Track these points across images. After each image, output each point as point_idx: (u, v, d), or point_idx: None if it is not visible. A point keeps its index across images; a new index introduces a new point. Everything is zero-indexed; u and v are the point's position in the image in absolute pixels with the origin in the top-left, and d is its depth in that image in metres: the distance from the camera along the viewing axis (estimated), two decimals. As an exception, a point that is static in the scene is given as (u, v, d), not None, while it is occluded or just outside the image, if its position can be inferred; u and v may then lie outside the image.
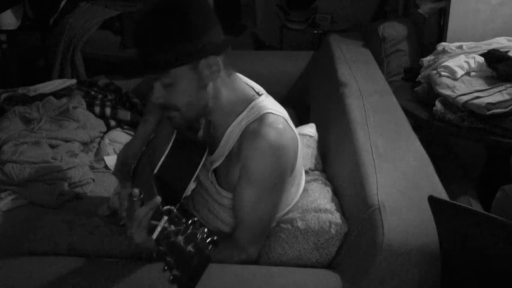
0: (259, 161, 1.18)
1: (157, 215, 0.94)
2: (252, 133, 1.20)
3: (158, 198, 1.05)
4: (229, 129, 1.26)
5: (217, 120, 1.28)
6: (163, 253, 0.86)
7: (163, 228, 0.88)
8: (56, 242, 1.33)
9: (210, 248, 0.85)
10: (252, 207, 1.23)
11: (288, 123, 1.25)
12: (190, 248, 0.84)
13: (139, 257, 1.28)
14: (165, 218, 0.89)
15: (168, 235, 0.87)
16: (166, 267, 0.86)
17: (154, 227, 0.89)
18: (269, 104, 1.26)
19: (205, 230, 0.87)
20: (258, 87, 1.33)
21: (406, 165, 1.32)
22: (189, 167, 1.23)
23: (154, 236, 0.87)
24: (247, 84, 1.32)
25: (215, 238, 0.87)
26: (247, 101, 1.26)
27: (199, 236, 0.85)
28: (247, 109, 1.25)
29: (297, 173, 1.33)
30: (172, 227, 0.88)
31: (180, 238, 0.86)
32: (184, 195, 1.28)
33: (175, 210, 0.90)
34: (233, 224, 1.33)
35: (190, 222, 0.88)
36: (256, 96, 1.28)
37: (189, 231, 0.86)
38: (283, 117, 1.24)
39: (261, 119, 1.21)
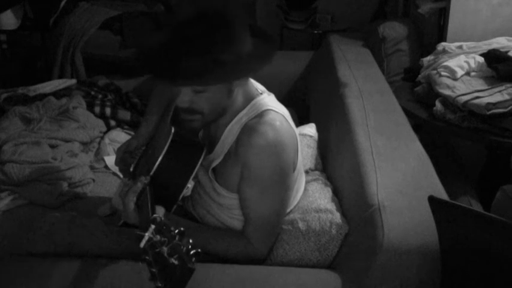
0: (258, 158, 1.18)
1: (145, 224, 0.93)
2: (249, 130, 1.20)
3: (143, 178, 1.14)
4: (229, 126, 1.26)
5: (219, 119, 1.29)
6: (149, 263, 0.86)
7: (150, 238, 0.87)
8: (55, 242, 1.33)
9: (193, 260, 0.85)
10: (257, 205, 1.23)
11: (287, 121, 1.25)
12: (173, 260, 0.84)
13: (139, 257, 1.28)
14: (153, 226, 0.88)
15: (154, 245, 0.86)
16: (151, 278, 0.86)
17: (142, 237, 0.88)
18: (270, 101, 1.26)
19: (190, 241, 0.87)
20: (260, 87, 1.34)
21: (406, 165, 1.32)
22: (186, 169, 1.23)
23: (142, 245, 0.87)
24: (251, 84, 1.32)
25: (199, 250, 0.86)
26: (249, 99, 1.26)
27: (183, 248, 0.85)
28: (248, 106, 1.25)
29: (298, 172, 1.33)
30: (158, 237, 0.87)
31: (165, 249, 0.85)
32: (184, 195, 1.28)
33: (162, 219, 0.90)
34: (230, 223, 1.33)
35: (176, 232, 0.87)
36: (258, 94, 1.28)
37: (174, 242, 0.86)
38: (282, 115, 1.24)
39: (260, 115, 1.22)
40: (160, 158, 1.19)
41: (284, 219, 1.33)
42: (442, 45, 2.28)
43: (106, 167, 2.03)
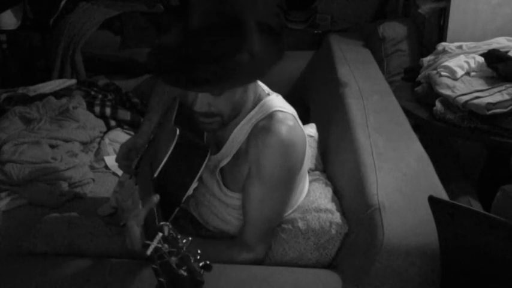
0: (270, 157, 1.18)
1: (152, 231, 0.93)
2: (262, 130, 1.20)
3: (155, 198, 1.07)
4: (238, 127, 1.26)
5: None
6: (157, 272, 0.86)
7: (158, 248, 0.87)
8: (55, 242, 1.33)
9: (202, 272, 0.85)
10: (261, 204, 1.23)
11: (297, 121, 1.26)
12: (182, 271, 0.83)
13: (139, 257, 1.28)
14: (160, 234, 0.88)
15: (162, 255, 0.85)
16: (158, 286, 0.86)
17: (149, 245, 0.88)
18: (278, 102, 1.26)
19: (198, 251, 0.87)
20: (266, 88, 1.34)
21: (406, 165, 1.32)
22: (189, 171, 1.23)
23: (148, 252, 0.87)
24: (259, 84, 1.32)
25: (207, 262, 0.86)
26: (258, 99, 1.26)
27: (192, 259, 0.85)
28: (257, 107, 1.25)
29: (303, 173, 1.33)
30: (166, 246, 0.87)
31: (173, 259, 0.85)
32: (186, 195, 1.27)
33: (170, 226, 0.89)
34: (235, 224, 1.33)
35: (184, 241, 0.87)
36: (266, 95, 1.28)
37: (182, 251, 0.85)
38: (292, 115, 1.24)
39: (270, 116, 1.21)
40: (164, 161, 1.18)
41: (283, 218, 1.33)
42: (442, 45, 2.28)
43: (106, 167, 2.03)
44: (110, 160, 2.04)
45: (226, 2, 1.09)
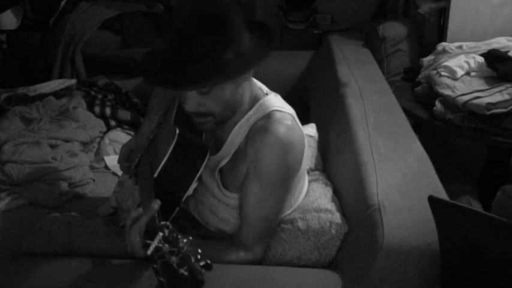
0: (268, 156, 1.18)
1: (152, 232, 0.93)
2: (260, 129, 1.20)
3: (157, 204, 1.05)
4: (236, 127, 1.26)
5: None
6: (157, 272, 0.86)
7: (158, 247, 0.87)
8: (55, 242, 1.33)
9: (203, 271, 0.85)
10: (258, 203, 1.23)
11: (296, 121, 1.25)
12: (183, 271, 0.83)
13: (139, 257, 1.28)
14: (160, 234, 0.88)
15: (163, 255, 0.85)
16: (159, 286, 0.86)
17: (149, 244, 0.88)
18: (277, 102, 1.26)
19: (199, 251, 0.87)
20: (265, 88, 1.34)
21: (406, 165, 1.32)
22: (189, 171, 1.23)
23: (149, 252, 0.87)
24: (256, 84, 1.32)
25: (208, 262, 0.86)
26: (255, 99, 1.27)
27: (193, 259, 0.85)
28: (255, 107, 1.25)
29: (302, 173, 1.33)
30: (167, 246, 0.87)
31: (174, 259, 0.85)
32: (186, 195, 1.28)
33: (170, 226, 0.89)
34: (235, 224, 1.32)
35: (185, 241, 0.87)
36: (264, 95, 1.28)
37: (183, 251, 0.85)
38: (290, 115, 1.24)
39: (268, 116, 1.22)
40: (163, 161, 1.18)
41: (283, 219, 1.33)
42: (442, 45, 2.28)
43: (106, 167, 2.03)
44: (110, 160, 2.04)
45: (208, 2, 1.11)
